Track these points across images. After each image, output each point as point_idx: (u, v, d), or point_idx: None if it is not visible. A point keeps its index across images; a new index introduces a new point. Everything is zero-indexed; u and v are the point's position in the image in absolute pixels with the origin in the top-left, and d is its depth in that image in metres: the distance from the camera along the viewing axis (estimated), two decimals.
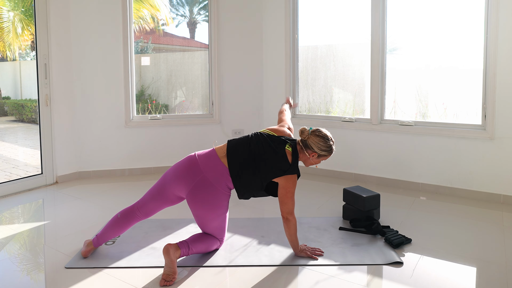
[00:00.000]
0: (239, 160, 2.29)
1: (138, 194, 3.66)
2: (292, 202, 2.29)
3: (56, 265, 2.33)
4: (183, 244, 2.24)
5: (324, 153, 2.34)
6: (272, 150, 2.30)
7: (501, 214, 3.13)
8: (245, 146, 2.34)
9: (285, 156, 2.29)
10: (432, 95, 3.96)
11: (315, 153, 2.33)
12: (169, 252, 2.13)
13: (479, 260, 2.37)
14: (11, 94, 4.76)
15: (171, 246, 2.16)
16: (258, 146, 2.32)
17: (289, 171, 2.27)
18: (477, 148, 3.48)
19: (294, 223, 2.31)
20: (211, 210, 2.30)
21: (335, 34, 4.42)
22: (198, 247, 2.30)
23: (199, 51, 4.88)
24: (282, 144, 2.33)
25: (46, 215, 3.19)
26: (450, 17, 3.71)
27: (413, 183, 3.80)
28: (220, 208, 2.33)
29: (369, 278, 2.17)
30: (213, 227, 2.38)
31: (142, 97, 4.74)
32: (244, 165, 2.28)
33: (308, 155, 2.34)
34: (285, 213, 2.29)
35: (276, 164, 2.26)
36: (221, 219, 2.39)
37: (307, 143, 2.32)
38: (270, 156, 2.28)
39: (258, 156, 2.29)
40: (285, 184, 2.28)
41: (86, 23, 4.14)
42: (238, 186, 2.30)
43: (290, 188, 2.27)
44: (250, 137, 2.39)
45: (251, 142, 2.35)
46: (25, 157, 4.79)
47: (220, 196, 2.30)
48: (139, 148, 4.41)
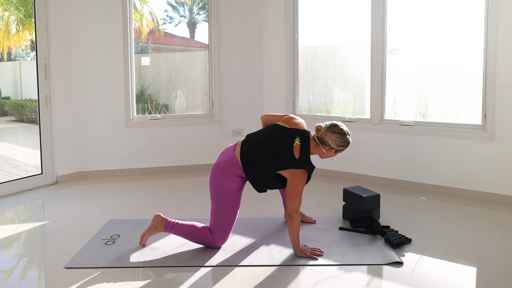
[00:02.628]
0: (250, 147, 2.39)
1: (138, 194, 3.67)
2: (299, 200, 2.30)
3: (56, 265, 2.33)
4: (169, 225, 2.46)
5: (342, 147, 2.37)
6: (281, 142, 2.34)
7: (501, 214, 3.13)
8: (259, 136, 2.43)
9: (291, 150, 2.30)
10: (432, 95, 3.96)
11: (333, 149, 2.36)
12: (156, 219, 2.48)
13: (479, 260, 2.37)
14: (11, 94, 4.77)
15: (159, 218, 2.48)
16: (270, 136, 2.39)
17: (295, 165, 2.28)
18: (477, 148, 3.48)
19: (298, 221, 2.32)
20: (217, 191, 2.42)
21: (335, 34, 4.42)
22: (183, 231, 2.45)
23: (199, 51, 4.88)
24: (292, 138, 2.34)
25: (46, 215, 3.19)
26: (450, 17, 3.71)
27: (413, 183, 3.80)
28: (225, 194, 2.40)
29: (369, 278, 2.17)
30: (218, 221, 2.42)
31: (142, 97, 4.74)
32: (254, 152, 2.36)
33: (326, 151, 2.37)
34: (290, 210, 2.31)
35: (282, 157, 2.30)
36: (226, 219, 2.42)
37: (324, 140, 2.34)
38: (278, 148, 2.32)
39: (268, 145, 2.35)
40: (292, 180, 2.30)
41: (86, 23, 4.14)
42: (249, 173, 2.37)
43: (297, 186, 2.28)
44: (266, 129, 2.47)
45: (265, 131, 2.44)
46: (25, 157, 4.80)
47: (226, 181, 2.39)
48: (139, 148, 4.41)
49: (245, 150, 2.39)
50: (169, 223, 2.45)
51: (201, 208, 3.25)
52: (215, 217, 2.44)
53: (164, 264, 2.31)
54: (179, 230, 2.44)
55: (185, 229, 2.44)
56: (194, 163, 4.58)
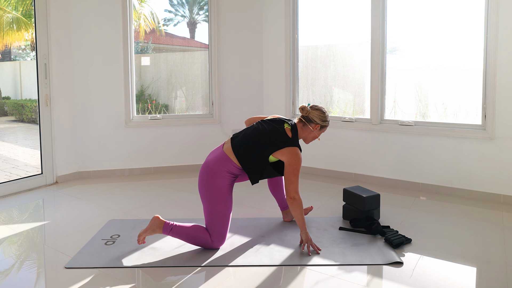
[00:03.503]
0: (241, 139, 2.50)
1: (138, 194, 3.67)
2: (297, 180, 2.43)
3: (56, 265, 2.33)
4: (167, 227, 2.42)
5: (325, 123, 2.59)
6: (273, 126, 2.53)
7: (501, 214, 3.13)
8: (248, 129, 2.57)
9: (285, 131, 2.50)
10: (432, 95, 3.96)
11: (318, 124, 2.57)
12: (154, 221, 2.43)
13: (479, 260, 2.37)
14: (11, 94, 4.77)
15: (158, 221, 2.42)
16: (258, 126, 2.54)
17: (290, 142, 2.45)
18: (477, 148, 3.48)
19: (300, 202, 2.43)
20: (208, 191, 2.43)
21: (335, 34, 4.42)
22: (181, 234, 2.43)
23: (199, 51, 4.88)
24: (280, 124, 2.56)
25: (46, 215, 3.19)
26: (450, 17, 3.71)
27: (413, 183, 3.80)
28: (216, 192, 2.42)
29: (369, 278, 2.17)
30: (213, 221, 2.43)
31: (142, 97, 4.74)
32: (247, 141, 2.47)
33: (312, 128, 2.57)
34: (292, 193, 2.41)
35: (278, 137, 2.46)
36: (221, 216, 2.42)
37: (309, 118, 2.58)
38: (271, 131, 2.49)
39: (261, 131, 2.50)
40: (290, 160, 2.41)
41: (86, 23, 4.14)
42: (243, 162, 2.44)
43: (296, 165, 2.42)
44: (252, 125, 2.62)
45: (252, 126, 2.59)
46: (25, 157, 4.80)
47: (218, 180, 2.43)
48: (139, 148, 4.41)
49: (236, 142, 2.50)
50: (167, 225, 2.43)
51: (201, 208, 3.25)
52: (209, 217, 2.44)
53: (164, 264, 2.31)
54: (177, 232, 2.43)
55: (183, 231, 2.43)
56: (194, 163, 4.58)
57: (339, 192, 3.68)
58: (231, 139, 2.54)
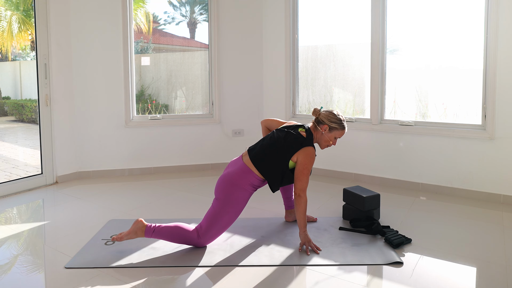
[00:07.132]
0: (259, 149, 2.54)
1: (138, 194, 3.67)
2: (307, 179, 2.46)
3: (56, 265, 2.33)
4: (149, 230, 2.40)
5: (334, 125, 2.58)
6: (288, 132, 2.58)
7: (501, 214, 3.13)
8: (264, 139, 2.62)
9: (299, 133, 2.55)
10: (432, 95, 3.96)
11: (326, 125, 2.58)
12: (137, 224, 2.41)
13: (479, 260, 2.37)
14: (11, 94, 4.77)
15: (140, 224, 2.41)
16: (276, 133, 2.60)
17: (306, 142, 2.50)
18: (477, 148, 3.48)
19: (305, 200, 2.46)
20: (225, 201, 2.44)
21: (335, 34, 4.42)
22: (165, 234, 2.42)
23: (199, 51, 4.88)
24: (296, 128, 2.63)
25: (46, 215, 3.19)
26: (450, 17, 3.71)
27: (413, 183, 3.80)
28: (232, 204, 2.45)
29: (369, 278, 2.17)
30: (213, 224, 2.43)
31: (142, 97, 4.74)
32: (265, 150, 2.52)
33: (321, 130, 2.59)
34: (298, 190, 2.45)
35: (294, 141, 2.51)
36: (224, 224, 2.44)
37: (319, 119, 2.61)
38: (287, 136, 2.54)
39: (277, 139, 2.54)
40: (303, 160, 2.46)
41: (86, 23, 4.14)
42: (265, 172, 2.48)
43: (307, 164, 2.46)
44: (268, 135, 2.67)
45: (268, 136, 2.64)
46: (25, 157, 4.80)
47: (241, 193, 2.46)
48: (139, 148, 4.41)
49: (255, 153, 2.54)
50: (149, 228, 2.41)
51: (201, 208, 3.25)
52: (210, 221, 2.44)
53: (164, 264, 2.31)
54: (160, 234, 2.40)
55: (166, 230, 2.41)
56: (194, 163, 4.58)
57: (339, 192, 3.68)
58: (249, 151, 2.58)
